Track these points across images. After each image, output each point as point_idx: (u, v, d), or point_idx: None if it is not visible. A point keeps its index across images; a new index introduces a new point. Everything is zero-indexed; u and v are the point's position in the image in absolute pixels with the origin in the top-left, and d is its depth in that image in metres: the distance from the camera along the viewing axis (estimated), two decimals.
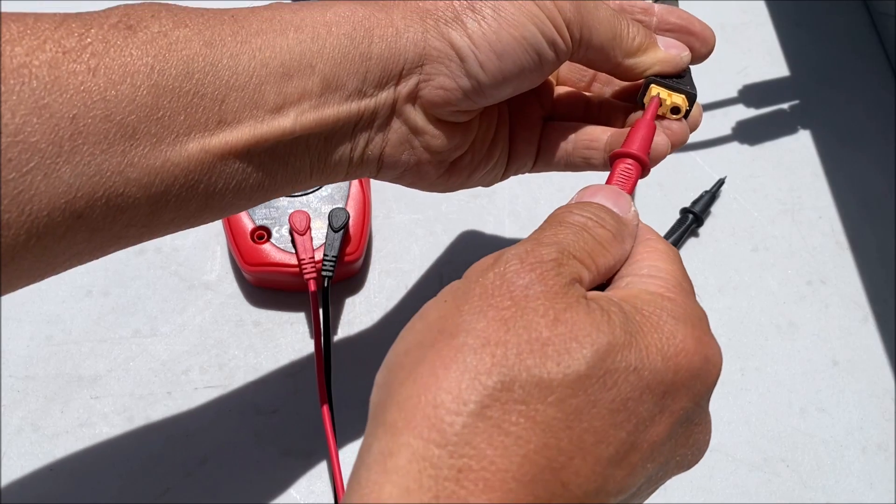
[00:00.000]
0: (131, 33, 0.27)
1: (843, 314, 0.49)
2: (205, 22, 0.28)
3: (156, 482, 0.42)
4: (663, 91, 0.34)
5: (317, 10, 0.30)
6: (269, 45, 0.29)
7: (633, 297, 0.26)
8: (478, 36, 0.31)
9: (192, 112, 0.27)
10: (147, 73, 0.26)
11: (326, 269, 0.44)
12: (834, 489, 0.43)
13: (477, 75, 0.31)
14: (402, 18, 0.31)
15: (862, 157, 0.54)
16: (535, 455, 0.22)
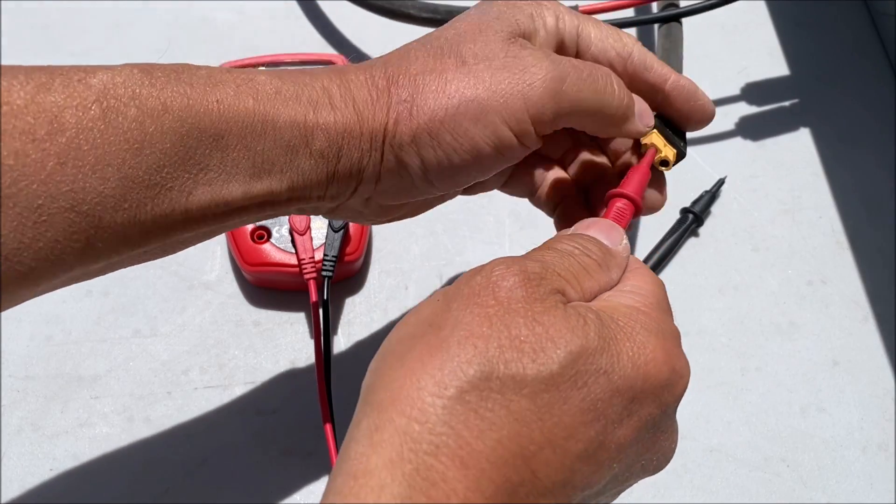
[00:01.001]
0: (108, 121, 0.26)
1: (844, 314, 0.49)
2: (188, 108, 0.28)
3: (156, 482, 0.42)
4: (660, 141, 0.35)
5: (302, 108, 0.30)
6: (244, 146, 0.29)
7: (610, 308, 0.28)
8: (432, 163, 0.31)
9: (159, 204, 0.28)
10: (119, 167, 0.26)
11: (326, 269, 0.44)
12: (834, 489, 0.43)
13: (430, 189, 0.33)
14: (369, 138, 0.31)
15: (862, 156, 0.54)
16: (508, 441, 0.24)
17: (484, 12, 0.32)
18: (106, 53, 0.57)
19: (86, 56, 0.57)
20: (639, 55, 0.33)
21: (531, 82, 0.30)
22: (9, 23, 0.58)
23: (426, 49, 0.32)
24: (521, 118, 0.31)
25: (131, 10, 0.59)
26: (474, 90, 0.30)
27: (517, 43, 0.31)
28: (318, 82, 0.31)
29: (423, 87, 0.31)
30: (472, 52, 0.31)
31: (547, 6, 0.33)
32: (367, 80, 0.31)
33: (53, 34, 0.58)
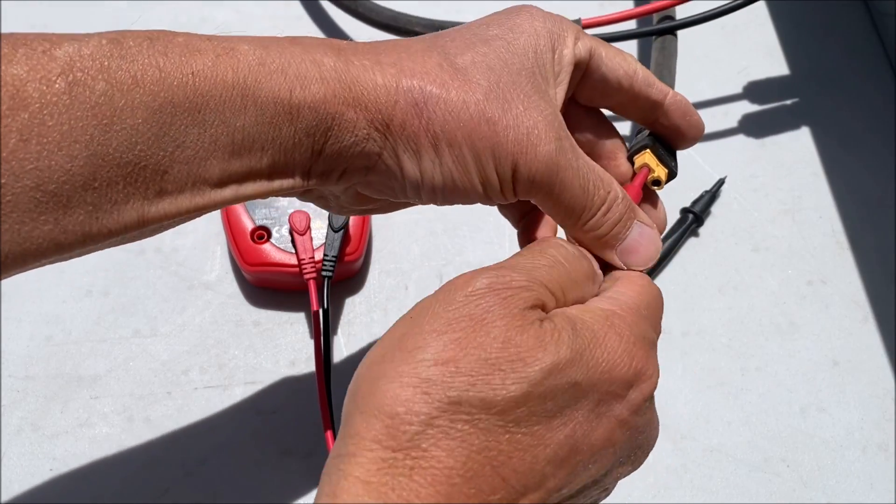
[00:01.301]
0: (74, 95, 0.25)
1: (844, 314, 0.49)
2: (161, 81, 0.26)
3: (156, 482, 0.42)
4: (652, 160, 0.35)
5: (288, 82, 0.28)
6: (223, 122, 0.27)
7: (586, 313, 0.28)
8: (428, 176, 0.30)
9: (132, 182, 0.26)
10: (87, 143, 0.25)
11: (326, 269, 0.44)
12: (834, 489, 0.43)
13: (416, 199, 0.32)
14: (367, 125, 0.29)
15: (862, 156, 0.54)
16: (477, 454, 0.25)
17: (511, 44, 0.31)
18: None
19: None
20: (643, 73, 0.34)
21: (534, 144, 0.30)
22: (9, 23, 0.58)
23: (440, 54, 0.30)
24: (510, 166, 0.30)
25: (131, 10, 0.59)
26: (487, 127, 0.29)
27: (538, 92, 0.30)
28: (309, 55, 0.29)
29: (437, 93, 0.29)
30: (490, 80, 0.30)
31: (568, 29, 0.32)
32: (372, 65, 0.29)
33: None
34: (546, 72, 0.31)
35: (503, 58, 0.30)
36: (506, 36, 0.31)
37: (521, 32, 0.31)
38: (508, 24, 0.31)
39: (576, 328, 0.27)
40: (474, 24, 0.32)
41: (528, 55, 0.31)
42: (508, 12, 0.32)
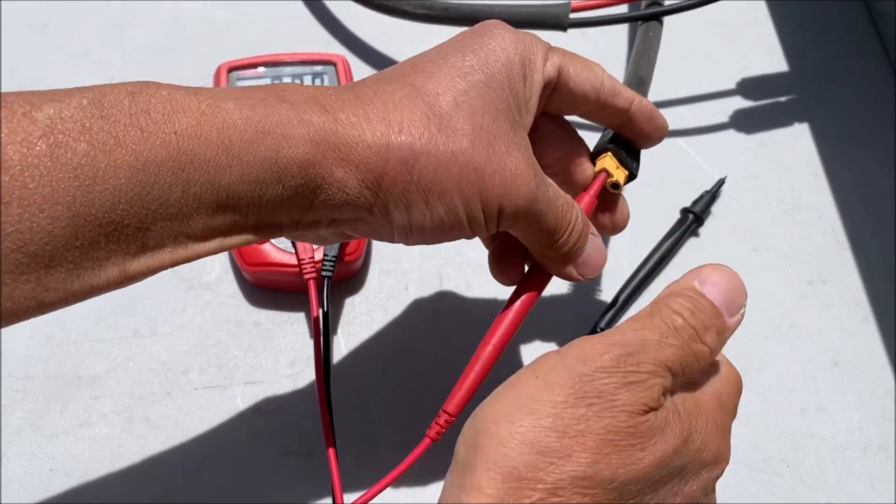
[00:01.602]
0: (56, 157, 0.25)
1: (844, 314, 0.49)
2: (143, 141, 0.26)
3: (156, 482, 0.42)
4: (612, 164, 0.37)
5: (275, 142, 0.28)
6: (207, 180, 0.27)
7: (697, 406, 0.31)
8: (418, 224, 0.31)
9: (114, 240, 0.26)
10: (69, 204, 0.25)
11: (326, 269, 0.44)
12: (834, 489, 0.43)
13: (403, 242, 0.33)
14: (357, 183, 0.30)
15: (862, 156, 0.54)
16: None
17: (488, 77, 0.32)
18: (106, 53, 0.57)
19: (85, 56, 0.57)
20: (609, 83, 0.36)
21: (518, 186, 0.31)
22: (9, 23, 0.58)
23: (424, 102, 0.31)
24: (501, 209, 0.32)
25: (131, 10, 0.59)
26: (475, 175, 0.30)
27: (515, 129, 0.32)
28: (297, 114, 0.29)
29: (427, 148, 0.30)
30: (474, 125, 0.31)
31: (537, 50, 0.34)
32: (360, 122, 0.29)
33: (53, 34, 0.58)
34: (520, 102, 0.33)
35: (483, 96, 0.31)
36: (483, 68, 0.32)
37: (495, 61, 0.32)
38: (483, 53, 0.32)
39: (689, 421, 0.30)
40: (449, 50, 0.33)
41: (504, 89, 0.32)
42: (480, 35, 0.33)
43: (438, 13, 0.52)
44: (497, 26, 0.34)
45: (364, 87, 0.31)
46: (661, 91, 0.56)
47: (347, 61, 0.53)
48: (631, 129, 0.37)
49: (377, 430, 0.44)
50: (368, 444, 0.44)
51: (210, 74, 0.53)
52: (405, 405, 0.45)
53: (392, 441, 0.44)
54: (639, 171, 0.39)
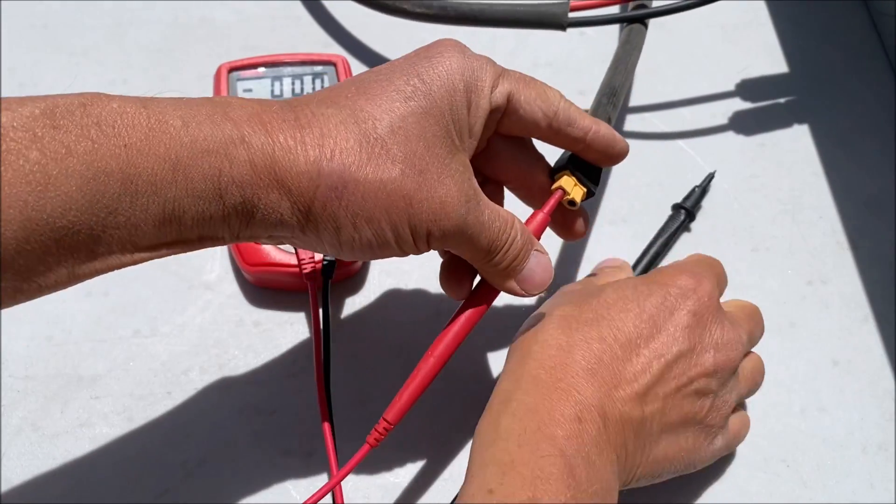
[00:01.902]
0: (8, 163, 0.25)
1: (843, 314, 0.49)
2: (94, 152, 0.27)
3: (156, 482, 0.42)
4: (569, 183, 0.38)
5: (217, 162, 0.29)
6: (154, 192, 0.28)
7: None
8: (347, 245, 0.32)
9: (65, 246, 0.27)
10: (21, 209, 0.26)
11: (326, 269, 0.44)
12: (834, 489, 0.43)
13: (338, 256, 0.34)
14: (290, 206, 0.31)
15: (862, 156, 0.54)
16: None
17: (429, 104, 0.33)
18: (106, 53, 0.57)
19: (85, 56, 0.57)
20: (563, 113, 0.36)
21: (446, 212, 0.33)
22: (9, 23, 0.58)
23: (359, 129, 0.32)
24: (429, 233, 0.33)
25: (131, 10, 0.59)
26: (402, 203, 0.32)
27: (453, 155, 0.33)
28: (238, 130, 0.30)
29: (356, 176, 0.31)
30: (407, 152, 0.32)
31: (486, 76, 0.34)
32: (296, 146, 0.31)
33: (53, 34, 0.58)
34: (461, 127, 0.34)
35: (421, 122, 0.32)
36: (426, 93, 0.33)
37: (440, 87, 0.33)
38: (428, 77, 0.33)
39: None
40: (397, 71, 0.33)
41: (444, 115, 0.33)
42: (429, 57, 0.34)
43: (437, 12, 0.52)
44: (448, 48, 0.34)
45: (305, 108, 0.32)
46: (661, 91, 0.57)
47: (347, 61, 0.53)
48: (588, 154, 0.39)
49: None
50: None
51: (210, 74, 0.53)
52: None
53: (392, 440, 0.44)
54: (597, 188, 0.40)
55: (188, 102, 0.30)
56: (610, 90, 0.45)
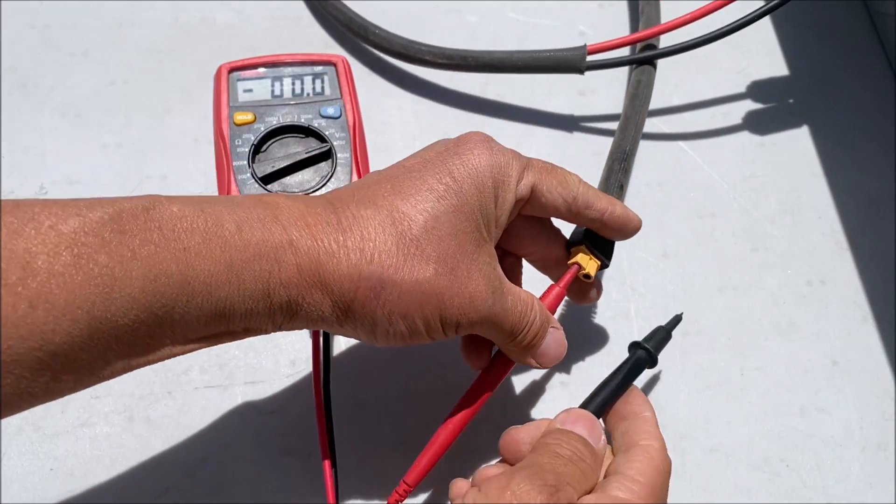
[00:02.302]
0: (79, 267, 0.27)
1: (843, 314, 0.49)
2: (156, 255, 0.29)
3: (156, 482, 0.42)
4: (585, 258, 0.41)
5: (268, 265, 0.31)
6: (209, 293, 0.30)
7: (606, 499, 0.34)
8: (382, 337, 0.34)
9: (124, 342, 0.29)
10: (88, 309, 0.27)
11: None
12: (834, 489, 0.43)
13: (372, 344, 0.35)
14: (330, 305, 0.33)
15: (862, 157, 0.55)
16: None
17: (460, 202, 0.35)
18: (106, 53, 0.57)
19: (86, 56, 0.57)
20: (582, 197, 0.38)
21: (475, 306, 0.35)
22: (9, 23, 0.58)
23: (396, 230, 0.33)
24: (458, 324, 0.35)
25: (131, 10, 0.59)
26: (435, 300, 0.34)
27: (481, 247, 0.35)
28: (286, 234, 0.32)
29: (393, 278, 0.33)
30: (440, 252, 0.34)
31: (512, 170, 0.36)
32: (339, 249, 0.33)
33: (53, 34, 0.58)
34: (489, 221, 0.36)
35: (452, 222, 0.34)
36: (457, 191, 0.35)
37: (470, 185, 0.35)
38: (459, 174, 0.35)
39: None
40: (429, 167, 0.35)
41: (474, 212, 0.35)
42: (460, 154, 0.36)
43: (458, 62, 0.54)
44: (477, 144, 0.36)
45: (346, 209, 0.34)
46: (662, 91, 0.57)
47: (347, 62, 0.53)
48: (603, 232, 0.41)
49: (377, 429, 0.44)
50: (368, 444, 0.44)
51: (210, 75, 0.53)
52: (405, 404, 0.45)
53: (392, 440, 0.44)
54: (611, 259, 0.42)
55: (241, 204, 0.32)
56: (621, 154, 0.48)
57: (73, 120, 0.54)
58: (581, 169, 0.53)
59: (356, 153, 0.49)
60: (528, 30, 0.59)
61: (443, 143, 0.37)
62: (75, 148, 0.53)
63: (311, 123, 0.49)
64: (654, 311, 0.48)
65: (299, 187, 0.48)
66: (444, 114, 0.55)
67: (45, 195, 0.51)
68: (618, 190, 0.47)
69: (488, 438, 0.44)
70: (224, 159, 0.48)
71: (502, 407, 0.45)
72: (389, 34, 0.55)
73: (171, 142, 0.53)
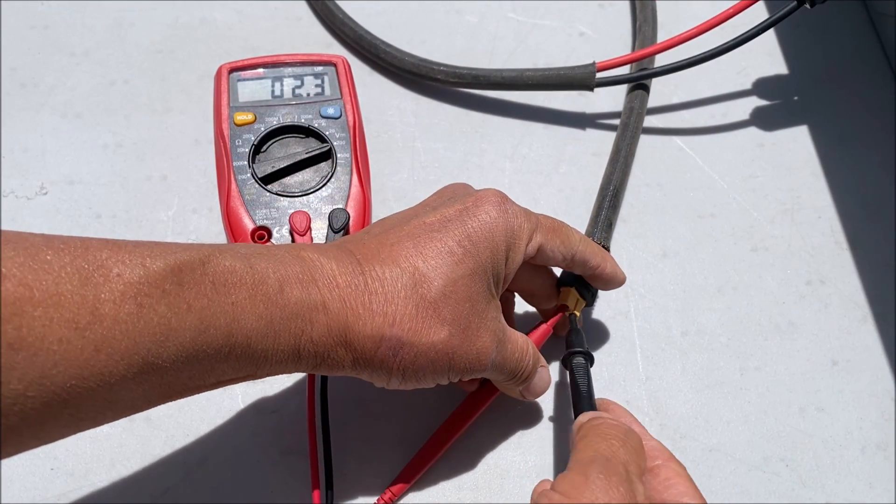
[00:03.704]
0: (140, 315, 0.29)
1: (843, 314, 0.49)
2: (207, 308, 0.31)
3: (156, 482, 0.42)
4: (573, 299, 0.44)
5: (302, 324, 0.34)
6: (248, 345, 0.33)
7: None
8: (394, 387, 0.37)
9: (167, 385, 0.32)
10: (144, 356, 0.30)
11: None
12: (833, 489, 0.43)
13: (387, 388, 0.38)
14: (351, 361, 0.36)
15: (861, 156, 0.55)
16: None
17: (476, 263, 0.37)
18: (106, 53, 0.57)
19: (86, 56, 0.57)
20: (580, 255, 0.41)
21: (481, 361, 0.38)
22: (9, 23, 0.58)
23: (417, 293, 0.36)
24: (463, 375, 0.38)
25: (131, 10, 0.59)
26: (446, 358, 0.37)
27: (490, 304, 0.38)
28: (320, 294, 0.34)
29: (412, 340, 0.36)
30: (455, 314, 0.36)
31: (523, 232, 0.39)
32: (365, 313, 0.35)
33: (53, 34, 0.58)
34: (498, 279, 0.38)
35: (468, 286, 0.37)
36: (474, 255, 0.37)
37: (485, 248, 0.37)
38: (476, 236, 0.37)
39: None
40: (451, 225, 0.38)
41: (487, 273, 0.37)
42: (477, 213, 0.38)
43: (469, 81, 0.54)
44: (495, 206, 0.38)
45: (372, 270, 0.36)
46: (661, 91, 0.57)
47: (347, 62, 0.53)
48: (591, 281, 0.44)
49: (377, 429, 0.44)
50: (368, 443, 0.44)
51: (210, 75, 0.53)
52: (405, 403, 0.45)
53: (393, 439, 0.44)
54: (595, 300, 0.47)
55: (282, 260, 0.34)
56: (611, 191, 0.50)
57: (73, 120, 0.54)
58: (580, 169, 0.53)
59: (356, 153, 0.49)
60: (528, 30, 0.59)
61: (460, 198, 0.39)
62: (75, 148, 0.53)
63: (311, 124, 0.49)
64: (653, 311, 0.48)
65: (299, 187, 0.48)
66: (445, 114, 0.55)
67: (46, 195, 0.51)
68: (606, 228, 0.49)
69: (489, 432, 0.44)
70: (224, 159, 0.48)
71: (499, 409, 0.45)
72: (400, 52, 0.56)
73: (171, 142, 0.53)
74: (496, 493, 0.43)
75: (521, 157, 0.54)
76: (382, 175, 0.52)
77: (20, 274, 0.27)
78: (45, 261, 0.28)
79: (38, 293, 0.27)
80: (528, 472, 0.44)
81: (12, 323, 0.26)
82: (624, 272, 0.44)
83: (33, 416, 0.28)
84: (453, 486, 0.43)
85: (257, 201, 0.47)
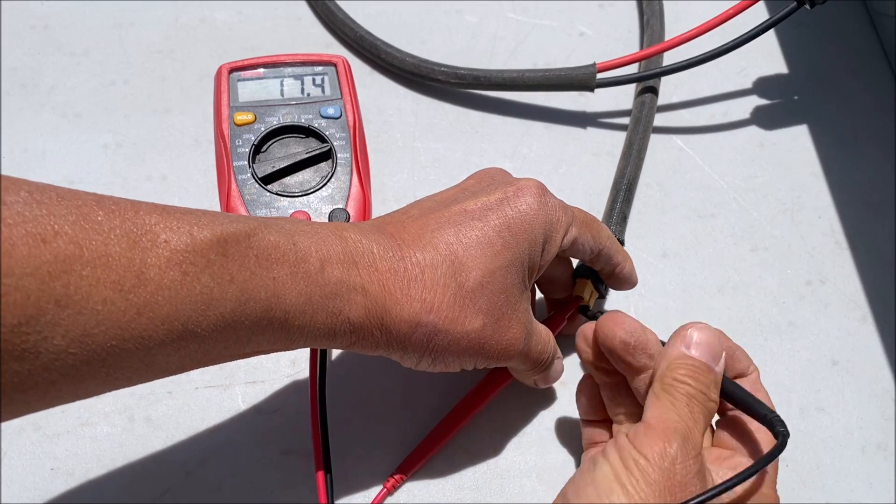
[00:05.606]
0: (184, 283, 0.29)
1: (843, 314, 0.49)
2: (249, 281, 0.31)
3: (156, 482, 0.42)
4: (588, 291, 0.45)
5: (341, 304, 0.34)
6: (286, 320, 0.33)
7: None
8: (423, 369, 0.38)
9: (203, 352, 0.32)
10: (184, 322, 0.30)
11: None
12: (833, 489, 0.43)
13: (416, 369, 0.38)
14: (386, 342, 0.36)
15: (861, 156, 0.55)
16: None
17: (514, 253, 0.37)
18: (106, 53, 0.57)
19: (86, 56, 0.57)
20: (606, 251, 0.42)
21: (509, 352, 0.38)
22: (9, 23, 0.58)
23: (455, 282, 0.36)
24: (490, 363, 0.39)
25: (131, 10, 0.59)
26: (477, 347, 0.37)
27: (522, 295, 0.38)
28: (360, 277, 0.34)
29: (447, 328, 0.36)
30: (489, 305, 0.37)
31: (561, 227, 0.39)
32: (402, 298, 0.35)
33: (53, 34, 0.58)
34: (532, 270, 0.39)
35: (504, 278, 0.37)
36: (512, 247, 0.37)
37: (524, 240, 0.38)
38: (516, 227, 0.37)
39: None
40: (492, 214, 0.38)
41: (523, 265, 0.38)
42: (518, 203, 0.38)
43: (471, 81, 0.54)
44: (533, 194, 0.38)
45: (412, 256, 0.36)
46: (661, 91, 0.57)
47: (347, 62, 0.53)
48: (607, 278, 0.45)
49: (377, 429, 0.44)
50: (368, 443, 0.44)
51: (210, 75, 0.53)
52: (405, 402, 0.45)
53: (393, 439, 0.44)
54: (607, 293, 0.47)
55: (325, 239, 0.34)
56: (624, 184, 0.50)
57: (73, 120, 0.54)
58: (580, 169, 0.53)
59: (356, 153, 0.49)
60: (527, 30, 0.59)
61: (500, 185, 0.39)
62: (75, 148, 0.53)
63: (311, 123, 0.49)
64: (653, 311, 0.48)
65: (299, 187, 0.48)
66: (445, 114, 0.56)
67: None
68: (621, 221, 0.49)
69: (489, 433, 0.44)
70: (224, 159, 0.48)
71: (501, 403, 0.45)
72: (401, 52, 0.55)
73: (171, 142, 0.53)
74: (496, 493, 0.43)
75: (522, 157, 0.54)
76: (382, 175, 0.52)
77: (72, 232, 0.27)
78: (97, 221, 0.28)
79: (88, 252, 0.27)
80: (528, 472, 0.44)
81: (61, 280, 0.26)
82: (637, 276, 0.45)
83: (73, 372, 0.28)
84: (453, 486, 0.43)
85: (257, 201, 0.47)
